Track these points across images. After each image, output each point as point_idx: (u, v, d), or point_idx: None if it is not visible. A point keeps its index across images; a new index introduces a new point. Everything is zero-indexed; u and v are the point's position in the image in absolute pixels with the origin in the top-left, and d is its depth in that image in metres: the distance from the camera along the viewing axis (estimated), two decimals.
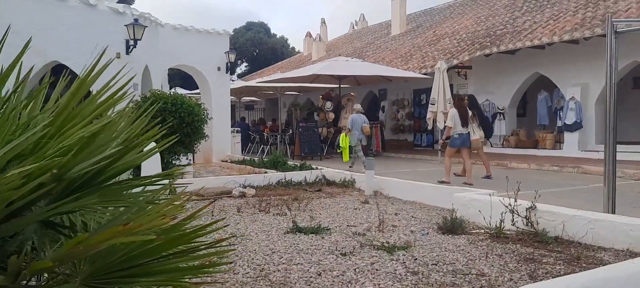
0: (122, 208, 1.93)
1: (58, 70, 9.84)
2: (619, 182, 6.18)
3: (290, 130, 17.43)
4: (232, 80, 39.03)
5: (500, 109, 16.71)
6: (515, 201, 5.10)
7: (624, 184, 9.32)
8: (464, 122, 9.90)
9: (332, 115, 17.18)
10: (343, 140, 12.98)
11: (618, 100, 5.25)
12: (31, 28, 9.28)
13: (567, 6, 15.78)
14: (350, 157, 12.64)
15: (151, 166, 8.64)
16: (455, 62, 16.47)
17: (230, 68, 15.24)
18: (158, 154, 8.81)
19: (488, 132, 11.39)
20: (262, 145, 18.09)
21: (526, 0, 19.12)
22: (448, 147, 10.14)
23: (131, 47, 9.71)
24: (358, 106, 13.76)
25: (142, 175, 8.57)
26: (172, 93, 9.94)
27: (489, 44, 16.10)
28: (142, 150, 2.26)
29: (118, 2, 13.86)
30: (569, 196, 8.29)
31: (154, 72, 11.26)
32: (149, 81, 11.02)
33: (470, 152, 10.10)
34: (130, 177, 2.20)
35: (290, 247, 4.50)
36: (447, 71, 15.70)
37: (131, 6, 18.11)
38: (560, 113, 14.99)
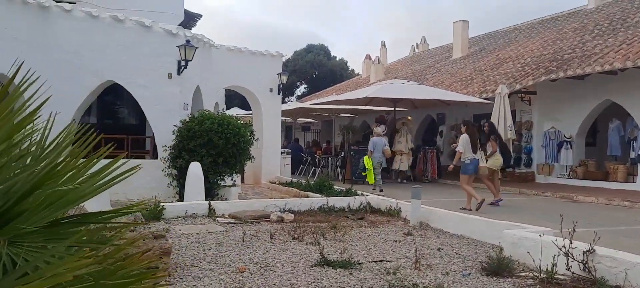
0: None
1: (113, 89, 10.15)
2: None
3: (343, 153, 17.14)
4: (289, 101, 39.51)
5: (567, 138, 15.64)
6: (571, 242, 4.53)
7: None
8: (475, 148, 10.01)
9: (386, 139, 16.72)
10: (367, 162, 13.37)
11: None
12: (88, 49, 9.67)
13: None
14: (375, 179, 12.91)
15: (194, 189, 8.66)
16: (518, 87, 15.64)
17: (284, 89, 15.22)
18: (201, 174, 8.80)
19: (507, 159, 11.36)
20: (313, 168, 17.91)
21: (598, 23, 17.97)
22: (462, 174, 10.18)
23: (182, 67, 9.85)
24: (379, 129, 14.18)
25: (185, 197, 8.59)
26: (220, 113, 9.98)
27: (555, 68, 15.17)
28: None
29: (179, 25, 14.27)
30: (639, 236, 7.46)
31: (206, 92, 11.38)
32: (200, 101, 11.13)
33: (472, 178, 10.14)
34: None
35: (313, 282, 4.19)
36: (510, 96, 14.93)
37: (192, 30, 18.68)
38: (634, 144, 13.79)
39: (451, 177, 17.40)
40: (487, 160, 10.56)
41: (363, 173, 13.22)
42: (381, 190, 11.39)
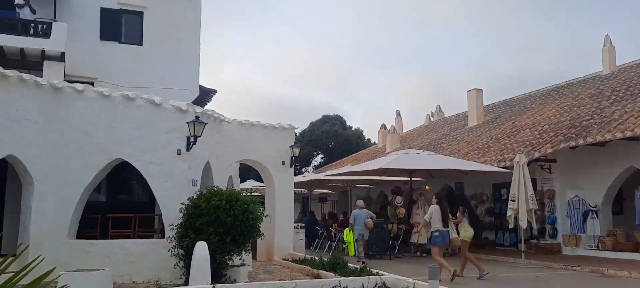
0: None
1: (124, 166, 10.04)
2: None
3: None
4: (306, 171, 39.33)
5: (592, 207, 15.00)
6: None
7: None
8: (445, 221, 10.44)
9: (402, 211, 16.28)
10: (347, 235, 14.35)
11: None
12: (99, 128, 9.66)
13: None
14: (356, 251, 13.38)
15: (199, 271, 8.28)
16: (537, 155, 15.24)
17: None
18: (208, 254, 8.46)
19: (478, 230, 11.82)
20: (329, 242, 17.38)
21: (614, 89, 17.71)
22: (432, 246, 10.64)
23: (191, 143, 9.74)
24: (361, 202, 14.93)
25: (190, 279, 8.21)
26: (229, 189, 9.75)
27: (574, 135, 14.80)
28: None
29: (194, 101, 14.39)
30: None
31: (216, 167, 11.22)
32: (210, 177, 10.95)
33: (443, 250, 10.72)
34: None
35: None
36: (529, 164, 14.51)
37: (207, 105, 18.90)
38: None
39: (472, 250, 16.67)
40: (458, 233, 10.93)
41: (343, 246, 14.26)
42: (364, 262, 11.57)
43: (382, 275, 8.72)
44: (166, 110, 9.84)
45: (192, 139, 9.72)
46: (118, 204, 11.53)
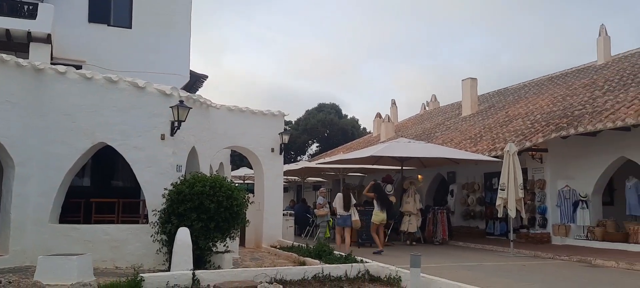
0: None
1: (109, 150, 9.90)
2: None
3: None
4: (301, 160, 39.23)
5: (582, 197, 14.96)
6: None
7: None
8: (346, 206, 12.75)
9: (393, 199, 16.19)
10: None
11: None
12: (82, 110, 9.52)
13: None
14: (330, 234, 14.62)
15: (181, 257, 8.20)
16: (527, 144, 15.15)
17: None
18: (190, 240, 8.38)
19: (390, 214, 14.01)
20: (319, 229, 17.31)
21: (608, 79, 17.60)
22: (336, 226, 13.29)
23: (176, 128, 9.60)
24: (323, 189, 16.66)
25: (172, 265, 8.14)
26: (213, 175, 9.63)
27: (565, 125, 14.71)
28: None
29: (182, 88, 14.22)
30: None
31: (203, 153, 11.08)
32: (196, 162, 10.83)
33: (352, 230, 13.05)
34: None
35: None
36: (520, 154, 14.42)
37: (198, 91, 18.72)
38: None
39: (463, 239, 16.69)
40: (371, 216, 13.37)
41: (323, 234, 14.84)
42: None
43: (366, 262, 8.65)
44: (150, 94, 9.69)
45: (176, 124, 9.58)
46: (102, 189, 11.40)
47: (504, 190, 13.16)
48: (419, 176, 19.99)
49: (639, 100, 13.47)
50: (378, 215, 13.35)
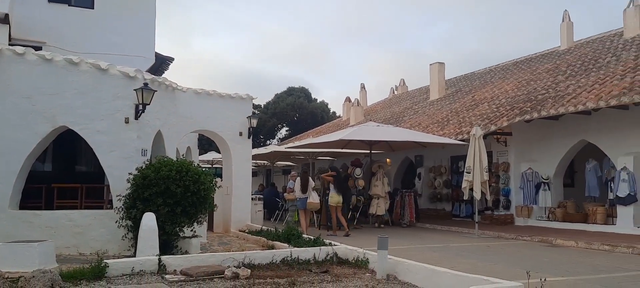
0: None
1: (71, 134, 9.62)
2: None
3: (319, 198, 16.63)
4: (271, 144, 39.04)
5: (544, 179, 15.40)
6: None
7: None
8: (304, 189, 13.33)
9: (362, 182, 16.32)
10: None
11: None
12: (42, 93, 9.20)
13: (614, 70, 14.64)
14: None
15: (147, 242, 8.07)
16: (493, 128, 15.46)
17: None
18: (155, 225, 8.25)
19: (346, 197, 14.34)
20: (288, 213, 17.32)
21: (570, 64, 18.05)
22: (298, 209, 13.76)
23: (140, 111, 9.39)
24: (294, 173, 16.70)
25: (138, 251, 8.01)
26: (179, 159, 9.49)
27: (529, 109, 15.05)
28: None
29: (147, 71, 13.88)
30: (620, 285, 7.05)
31: (168, 137, 10.88)
32: (162, 146, 10.63)
33: (308, 212, 13.68)
34: None
35: None
36: (486, 138, 14.71)
37: (164, 73, 18.34)
38: (612, 184, 13.57)
39: (430, 221, 17.00)
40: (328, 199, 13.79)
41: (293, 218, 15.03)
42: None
43: (335, 245, 8.70)
44: (113, 76, 9.43)
45: (140, 107, 9.37)
46: (65, 174, 11.07)
47: (469, 173, 13.43)
48: (388, 160, 20.19)
49: (599, 85, 13.88)
50: (334, 198, 13.67)
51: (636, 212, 12.78)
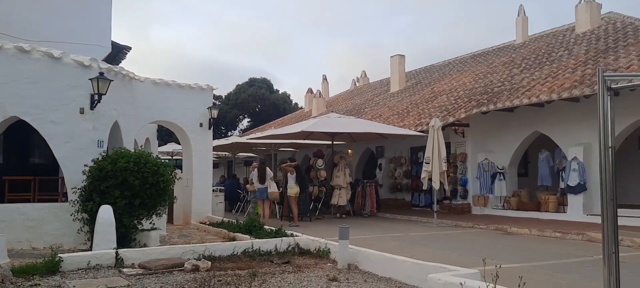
0: None
1: (23, 125, 9.26)
2: (625, 253, 5.29)
3: (281, 189, 16.62)
4: (232, 135, 38.67)
5: (500, 169, 15.87)
6: None
7: (632, 255, 8.38)
8: (262, 180, 13.73)
9: (323, 173, 16.41)
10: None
11: (623, 161, 4.45)
12: None
13: (566, 63, 15.19)
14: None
15: (103, 236, 7.88)
16: (451, 119, 15.80)
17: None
18: (112, 218, 8.07)
19: (302, 187, 14.47)
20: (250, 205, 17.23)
21: (525, 57, 18.62)
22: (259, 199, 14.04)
23: (96, 101, 9.12)
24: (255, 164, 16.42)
25: (94, 245, 7.81)
26: (137, 150, 9.28)
27: (486, 101, 15.46)
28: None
29: (103, 60, 13.47)
30: (570, 270, 7.36)
31: (126, 128, 10.62)
32: (120, 137, 10.37)
33: (268, 201, 13.99)
34: None
35: None
36: (444, 129, 15.03)
37: (121, 62, 17.84)
38: (563, 174, 14.12)
39: (390, 211, 17.27)
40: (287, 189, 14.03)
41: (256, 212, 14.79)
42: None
43: (296, 236, 8.73)
44: (67, 65, 9.11)
45: (96, 97, 9.10)
46: (16, 166, 10.66)
47: (428, 163, 13.70)
48: (349, 150, 20.35)
49: (552, 78, 14.37)
50: (292, 188, 13.96)
51: (586, 200, 13.34)
